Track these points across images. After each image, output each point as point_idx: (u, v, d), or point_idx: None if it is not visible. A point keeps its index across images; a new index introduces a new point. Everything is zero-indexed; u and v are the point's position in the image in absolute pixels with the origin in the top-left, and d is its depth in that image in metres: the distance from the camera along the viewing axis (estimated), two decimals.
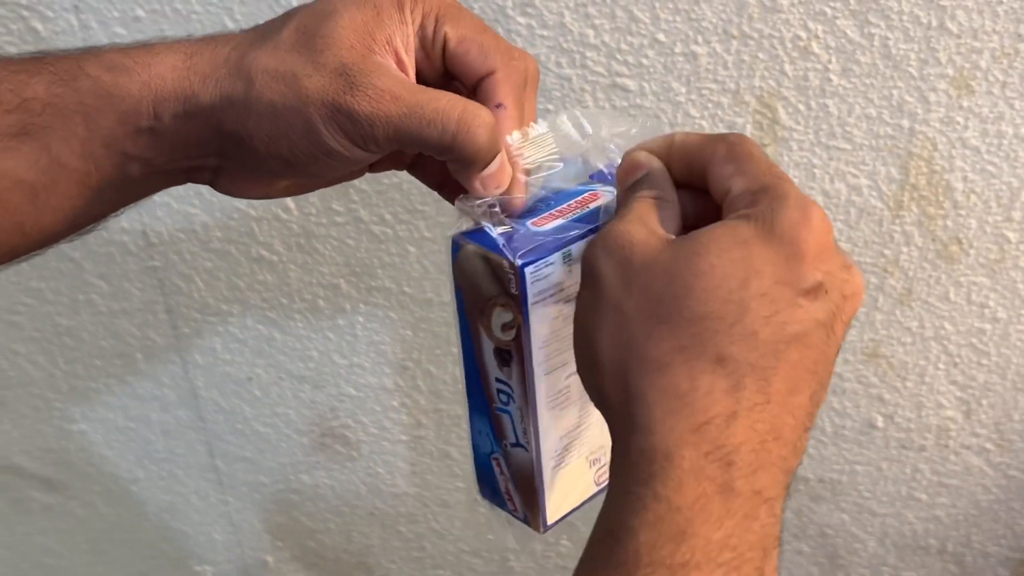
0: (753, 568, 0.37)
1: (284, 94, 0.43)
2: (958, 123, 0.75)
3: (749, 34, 0.73)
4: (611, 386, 0.40)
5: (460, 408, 0.99)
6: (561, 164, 0.49)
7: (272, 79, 0.44)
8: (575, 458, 0.51)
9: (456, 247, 0.48)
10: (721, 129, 0.77)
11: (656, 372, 0.39)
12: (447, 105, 0.44)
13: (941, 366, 0.88)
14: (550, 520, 0.51)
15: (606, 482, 0.47)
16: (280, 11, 0.75)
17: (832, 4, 0.71)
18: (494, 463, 0.53)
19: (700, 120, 0.77)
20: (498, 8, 0.73)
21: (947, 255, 0.82)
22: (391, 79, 0.44)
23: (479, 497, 0.55)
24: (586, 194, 0.49)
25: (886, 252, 0.82)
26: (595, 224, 0.47)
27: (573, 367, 0.47)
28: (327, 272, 0.89)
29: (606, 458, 0.51)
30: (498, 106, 0.47)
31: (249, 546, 1.17)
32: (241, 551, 1.18)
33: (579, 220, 0.48)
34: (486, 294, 0.47)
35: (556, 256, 0.46)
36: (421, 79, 0.48)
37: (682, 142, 0.45)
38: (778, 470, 0.39)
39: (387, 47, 0.45)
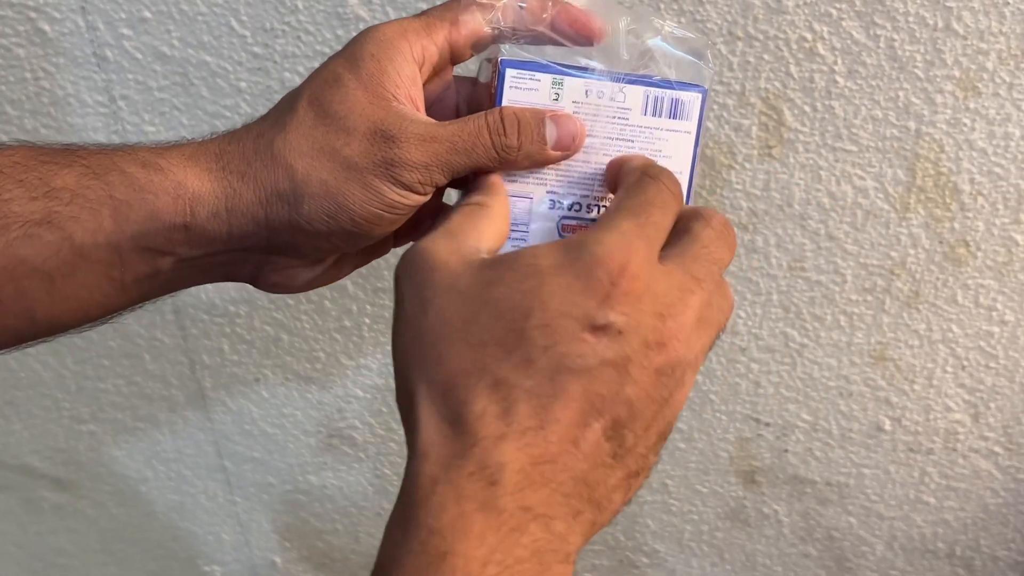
0: None
1: (332, 169, 0.45)
2: (965, 125, 0.75)
3: (754, 35, 0.72)
4: (403, 406, 0.40)
5: None
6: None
7: (313, 159, 0.45)
8: None
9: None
10: (727, 131, 0.77)
11: (437, 395, 0.39)
12: (475, 125, 0.46)
13: (949, 369, 0.88)
14: None
15: None
16: (285, 12, 0.75)
17: (838, 5, 0.70)
18: None
19: (706, 122, 0.76)
20: None
21: (954, 257, 0.81)
22: (420, 124, 0.45)
23: None
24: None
25: (893, 254, 0.81)
26: (592, 72, 0.48)
27: (534, 198, 0.48)
28: None
29: None
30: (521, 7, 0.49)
31: (257, 546, 1.17)
32: (249, 551, 1.18)
33: (583, 68, 0.49)
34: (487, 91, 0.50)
35: (544, 76, 0.48)
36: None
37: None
38: (554, 492, 0.38)
39: (398, 91, 0.46)
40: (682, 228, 0.43)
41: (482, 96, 0.50)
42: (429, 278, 0.40)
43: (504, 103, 0.48)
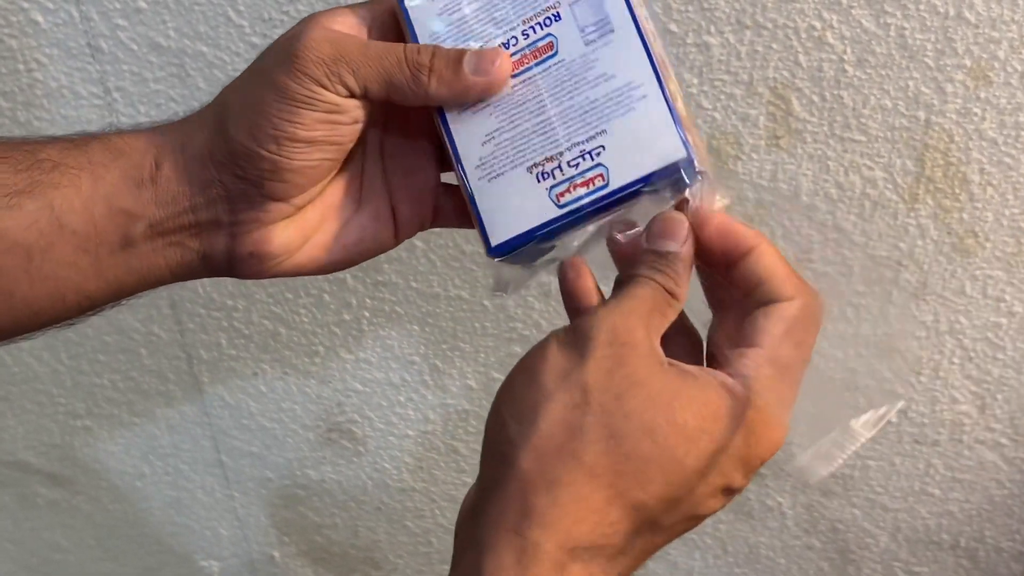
0: None
1: (250, 84, 0.46)
2: (975, 114, 0.74)
3: (763, 24, 0.71)
4: (528, 453, 0.40)
5: (467, 403, 0.98)
6: None
7: (240, 86, 0.47)
8: (511, 167, 0.47)
9: None
10: (733, 121, 0.76)
11: (582, 474, 0.39)
12: (394, 44, 0.46)
13: (956, 360, 0.87)
14: (494, 240, 0.46)
15: (571, 204, 0.45)
16: (284, 1, 0.74)
17: None
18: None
19: (712, 112, 0.75)
20: None
21: (963, 248, 0.80)
22: (332, 30, 0.46)
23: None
24: None
25: (901, 245, 0.81)
26: None
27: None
28: None
29: (564, 172, 0.46)
30: None
31: (255, 541, 1.17)
32: (247, 546, 1.17)
33: None
34: None
35: None
36: None
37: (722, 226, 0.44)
38: None
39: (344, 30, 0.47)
40: None
41: None
42: (626, 360, 0.40)
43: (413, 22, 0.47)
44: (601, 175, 0.45)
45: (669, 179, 0.44)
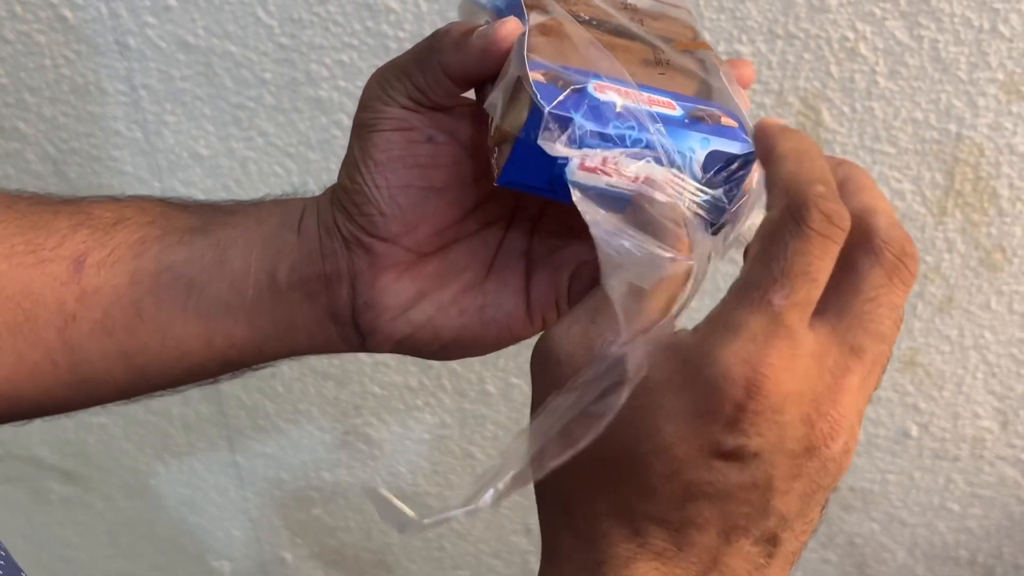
0: None
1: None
2: (1007, 128, 0.73)
3: (795, 34, 0.71)
4: (541, 492, 0.39)
5: (484, 408, 0.98)
6: None
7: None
8: None
9: None
10: None
11: (576, 503, 0.37)
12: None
13: (979, 375, 0.87)
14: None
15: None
16: (314, 2, 0.74)
17: (882, 5, 0.69)
18: None
19: None
20: None
21: (990, 263, 0.80)
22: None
23: None
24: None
25: (927, 259, 0.80)
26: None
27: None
28: None
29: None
30: None
31: (267, 542, 1.16)
32: (259, 547, 1.17)
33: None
34: None
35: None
36: None
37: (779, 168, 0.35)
38: None
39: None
40: (845, 262, 0.34)
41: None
42: (553, 373, 0.37)
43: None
44: None
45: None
